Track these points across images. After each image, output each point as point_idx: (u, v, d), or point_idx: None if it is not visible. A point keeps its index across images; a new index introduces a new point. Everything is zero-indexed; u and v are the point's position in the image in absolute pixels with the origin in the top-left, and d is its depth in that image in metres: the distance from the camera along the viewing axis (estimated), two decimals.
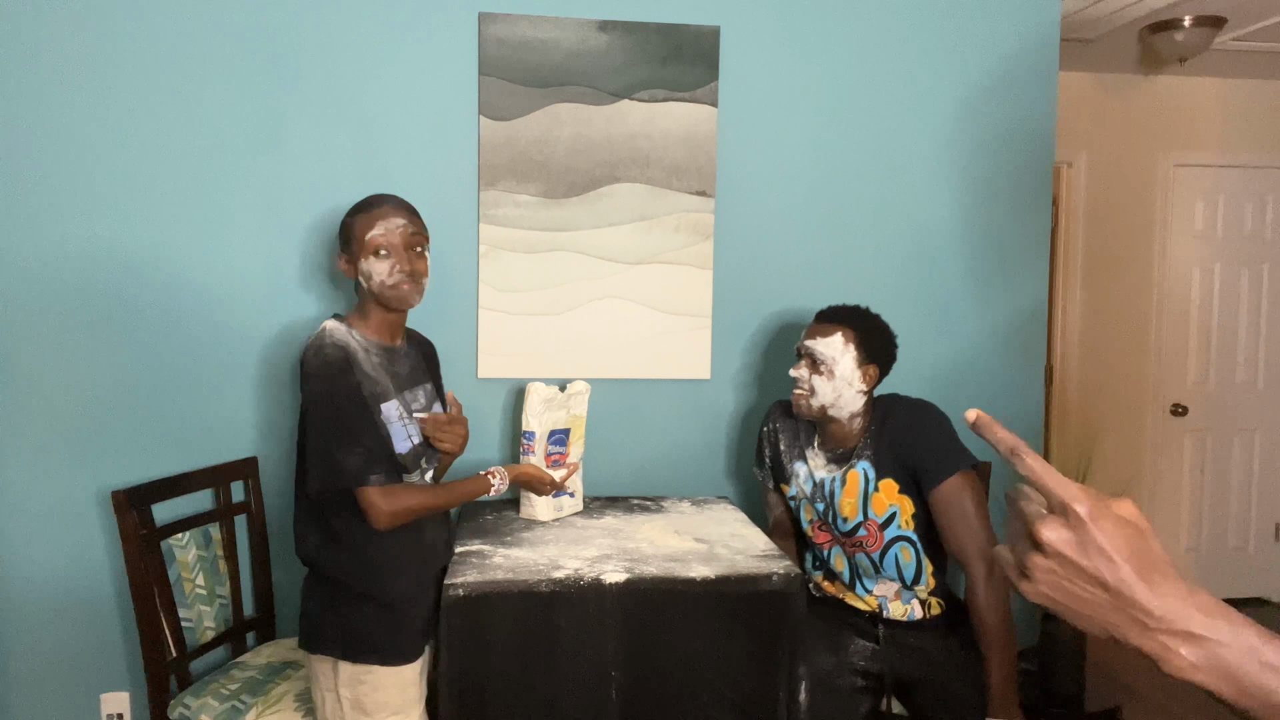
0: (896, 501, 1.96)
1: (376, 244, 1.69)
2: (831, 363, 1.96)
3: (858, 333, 1.98)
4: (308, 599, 1.72)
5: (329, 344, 1.64)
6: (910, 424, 1.95)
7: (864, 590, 2.03)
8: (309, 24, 2.27)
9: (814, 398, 1.98)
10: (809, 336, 2.01)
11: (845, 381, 1.96)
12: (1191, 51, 3.29)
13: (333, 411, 1.60)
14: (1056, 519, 0.63)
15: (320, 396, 1.61)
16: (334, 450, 1.59)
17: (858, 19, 2.47)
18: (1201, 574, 4.11)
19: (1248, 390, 4.12)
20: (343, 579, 1.67)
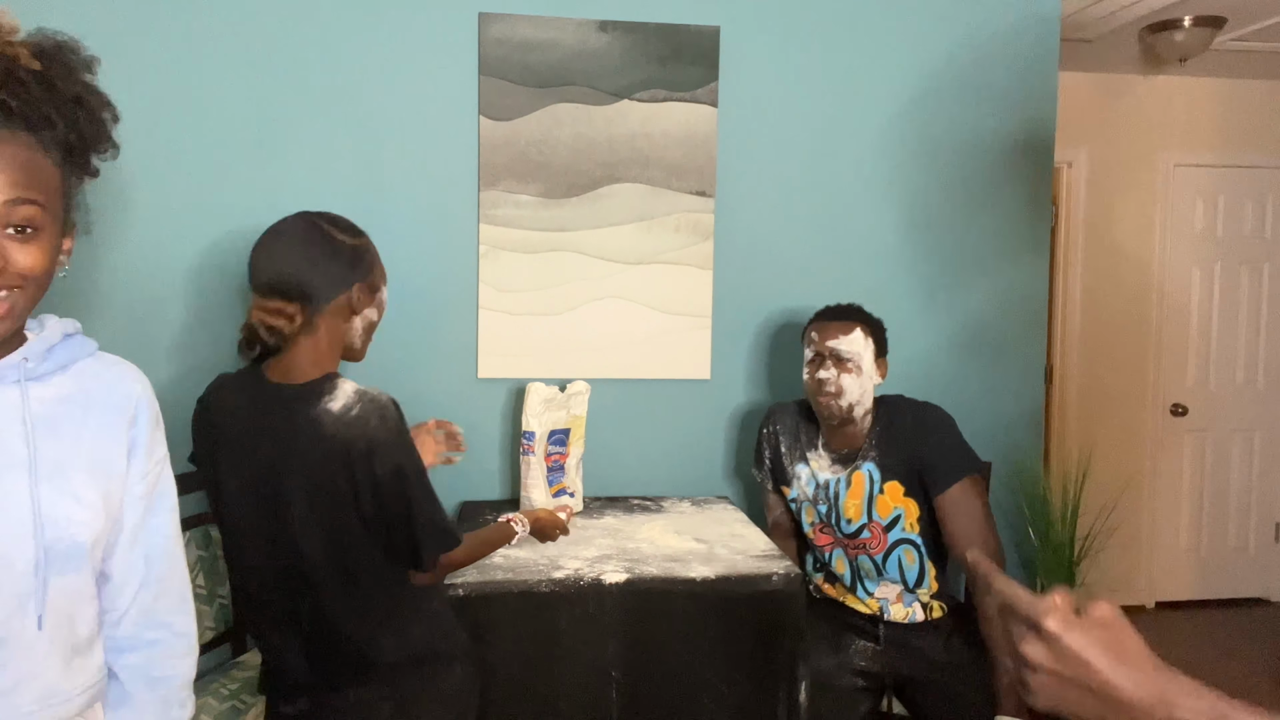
0: (901, 504, 1.96)
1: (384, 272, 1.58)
2: (857, 359, 1.97)
3: (870, 327, 2.02)
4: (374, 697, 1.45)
5: (384, 401, 1.41)
6: (919, 426, 1.96)
7: (865, 593, 2.03)
8: (309, 24, 2.27)
9: (844, 397, 1.96)
10: (829, 337, 1.98)
11: (869, 377, 1.98)
12: (1191, 51, 3.29)
13: (416, 473, 1.40)
14: (1034, 636, 0.70)
15: (403, 466, 1.38)
16: (436, 516, 1.42)
17: (857, 19, 2.47)
18: (1201, 574, 4.12)
19: (1248, 390, 4.12)
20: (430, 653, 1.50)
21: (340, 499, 1.38)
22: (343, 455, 1.36)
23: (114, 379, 1.11)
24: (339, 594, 1.44)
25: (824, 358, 1.99)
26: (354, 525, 1.40)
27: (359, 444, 1.36)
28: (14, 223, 0.96)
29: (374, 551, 1.43)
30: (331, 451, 1.37)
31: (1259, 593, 4.16)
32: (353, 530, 1.40)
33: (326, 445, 1.37)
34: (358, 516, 1.39)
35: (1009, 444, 2.59)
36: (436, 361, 2.36)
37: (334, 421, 1.38)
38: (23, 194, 0.96)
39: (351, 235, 1.53)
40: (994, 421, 2.57)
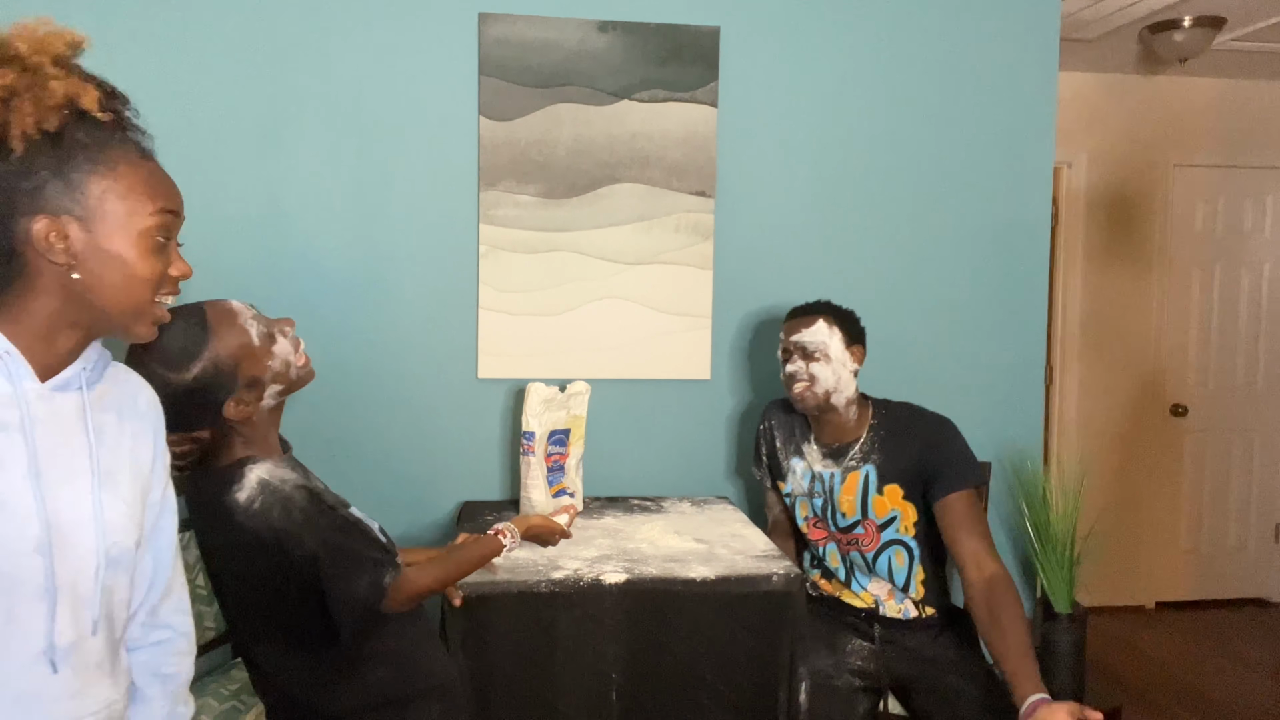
0: (899, 507, 1.97)
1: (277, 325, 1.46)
2: (823, 347, 1.99)
3: (835, 316, 2.03)
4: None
5: (287, 492, 1.38)
6: (927, 433, 1.97)
7: (859, 586, 2.04)
8: (309, 24, 2.27)
9: (816, 385, 1.99)
10: (792, 332, 2.03)
11: (840, 363, 1.99)
12: (1191, 51, 3.29)
13: (330, 554, 1.38)
14: None
15: (313, 553, 1.36)
16: (351, 589, 1.38)
17: (857, 19, 2.47)
18: (1201, 574, 4.12)
19: (1248, 391, 4.12)
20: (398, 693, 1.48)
21: (263, 583, 1.39)
22: (253, 545, 1.36)
23: (135, 387, 1.14)
24: (281, 660, 1.45)
25: (790, 352, 2.03)
26: (287, 601, 1.40)
27: (265, 535, 1.35)
28: (176, 233, 1.05)
29: (312, 619, 1.40)
30: (242, 542, 1.37)
31: (1259, 593, 4.16)
32: (286, 606, 1.40)
33: (237, 535, 1.37)
34: (288, 594, 1.39)
35: (1009, 444, 2.59)
36: (436, 361, 2.36)
37: (241, 512, 1.36)
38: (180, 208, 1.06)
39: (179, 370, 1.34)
40: (994, 421, 2.57)
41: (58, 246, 0.94)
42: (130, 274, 0.99)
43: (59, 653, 0.97)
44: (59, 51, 0.97)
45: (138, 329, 1.03)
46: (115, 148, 0.99)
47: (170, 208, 1.03)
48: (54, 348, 0.98)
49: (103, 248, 0.97)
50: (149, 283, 1.00)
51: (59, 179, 0.94)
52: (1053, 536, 2.55)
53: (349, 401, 2.32)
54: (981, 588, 1.78)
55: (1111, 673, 3.36)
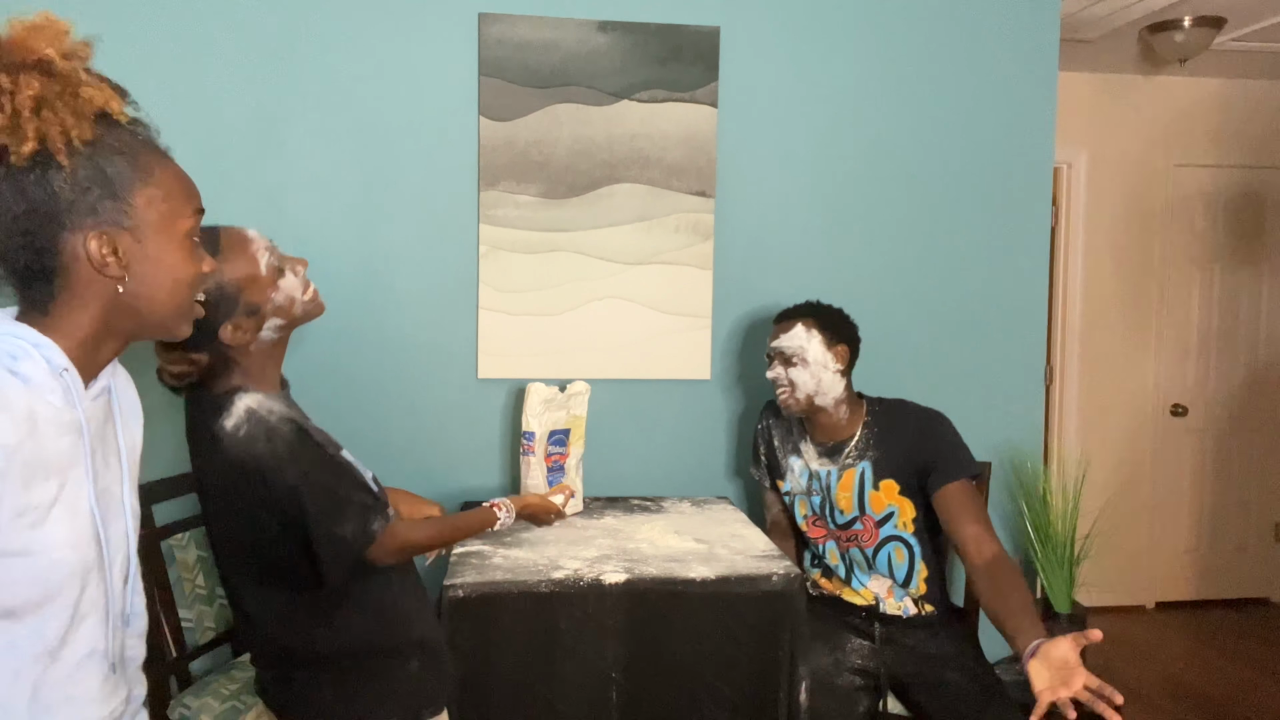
0: (896, 502, 1.98)
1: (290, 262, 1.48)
2: (801, 351, 2.00)
3: (815, 318, 2.04)
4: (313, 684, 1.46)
5: (273, 423, 1.38)
6: (922, 428, 1.98)
7: (859, 584, 2.04)
8: (309, 24, 2.27)
9: (796, 390, 2.01)
10: (773, 338, 2.06)
11: (820, 365, 2.00)
12: (1191, 51, 3.29)
13: (315, 492, 1.38)
14: None
15: (297, 487, 1.36)
16: (334, 528, 1.38)
17: (857, 19, 2.47)
18: (1201, 574, 4.12)
19: (1248, 390, 4.12)
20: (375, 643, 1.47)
21: (245, 514, 1.39)
22: (238, 474, 1.37)
23: (125, 381, 1.14)
24: (263, 599, 1.45)
25: (772, 358, 2.05)
26: (267, 535, 1.40)
27: (248, 463, 1.36)
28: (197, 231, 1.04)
29: (294, 557, 1.40)
30: (228, 469, 1.38)
31: (1259, 593, 4.16)
32: (266, 539, 1.40)
33: (222, 462, 1.38)
34: (269, 528, 1.39)
35: (1009, 444, 2.59)
36: (436, 361, 2.36)
37: (228, 439, 1.38)
38: None
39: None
40: (994, 421, 2.57)
41: (110, 260, 0.93)
42: (177, 278, 1.00)
43: (92, 659, 0.98)
44: (86, 55, 0.97)
45: (182, 328, 1.04)
46: (146, 153, 0.98)
47: (200, 207, 1.04)
48: (97, 357, 0.98)
49: (152, 256, 0.97)
50: (192, 284, 1.02)
51: (103, 191, 0.93)
52: (1053, 536, 2.55)
53: (349, 401, 2.32)
54: (983, 565, 1.78)
55: (1111, 673, 3.35)
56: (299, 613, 1.45)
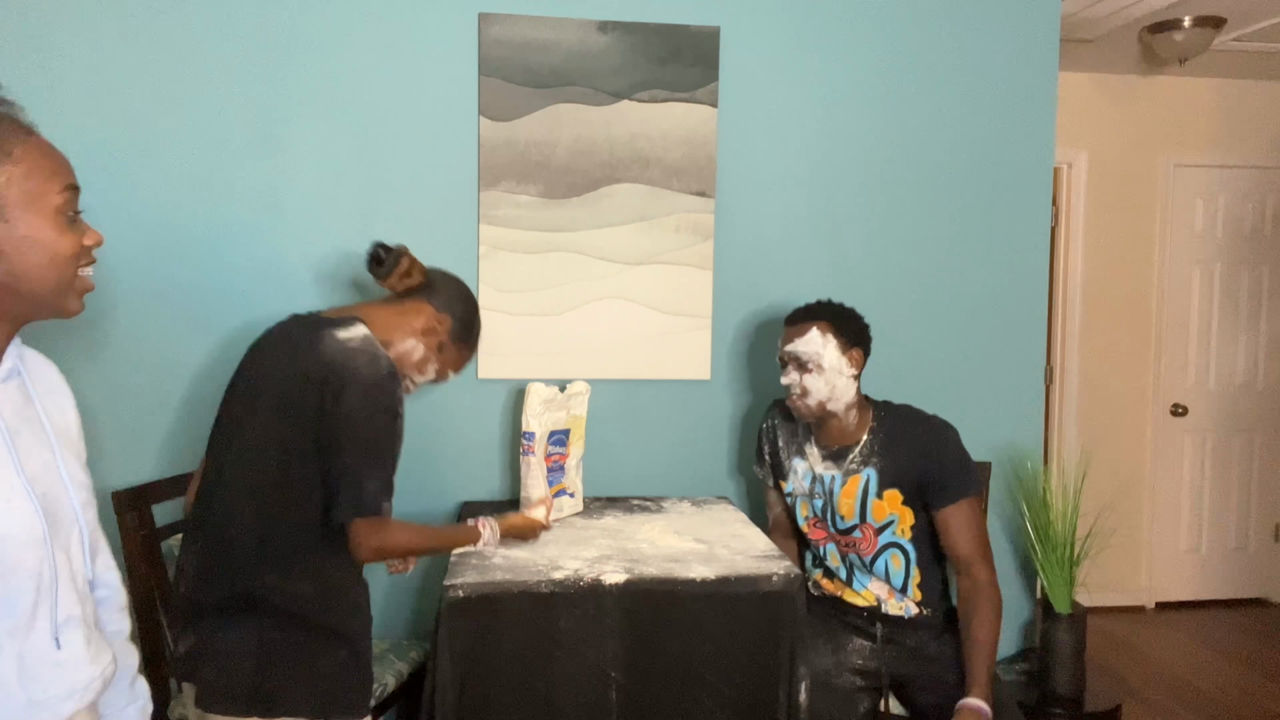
0: (898, 511, 1.97)
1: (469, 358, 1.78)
2: (816, 358, 1.96)
3: (831, 322, 1.99)
4: (239, 648, 1.42)
5: (384, 358, 1.48)
6: (928, 440, 1.97)
7: (860, 585, 2.04)
8: (309, 24, 2.27)
9: (809, 397, 1.98)
10: (786, 342, 2.02)
11: (835, 371, 1.97)
12: (1191, 52, 3.29)
13: (372, 433, 1.44)
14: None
15: (360, 413, 1.42)
16: (363, 473, 1.43)
17: (857, 19, 2.47)
18: (1201, 574, 4.12)
19: (1248, 390, 4.12)
20: (310, 618, 1.46)
21: (305, 417, 1.43)
22: (322, 376, 1.43)
23: (38, 362, 1.16)
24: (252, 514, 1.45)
25: (785, 362, 2.02)
26: (306, 446, 1.43)
27: (338, 372, 1.43)
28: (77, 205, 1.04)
29: (310, 482, 1.44)
30: (316, 370, 1.43)
31: (1259, 593, 4.16)
32: (296, 456, 1.43)
33: (314, 361, 1.44)
34: (315, 440, 1.43)
35: (1009, 444, 2.59)
36: None
37: (333, 345, 1.45)
38: None
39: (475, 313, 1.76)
40: (994, 421, 2.57)
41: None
42: (53, 252, 1.00)
43: (69, 625, 1.01)
44: None
45: (69, 304, 1.05)
46: (3, 132, 0.97)
47: (72, 183, 1.03)
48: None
49: (23, 235, 0.97)
50: (71, 258, 1.02)
51: None
52: (1053, 536, 2.55)
53: None
54: (964, 595, 1.91)
55: (1111, 673, 3.35)
56: (269, 547, 1.44)
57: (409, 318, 1.66)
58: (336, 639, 1.49)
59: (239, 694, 1.41)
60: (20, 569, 0.96)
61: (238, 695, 1.41)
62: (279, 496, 1.45)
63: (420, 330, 1.66)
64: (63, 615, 1.01)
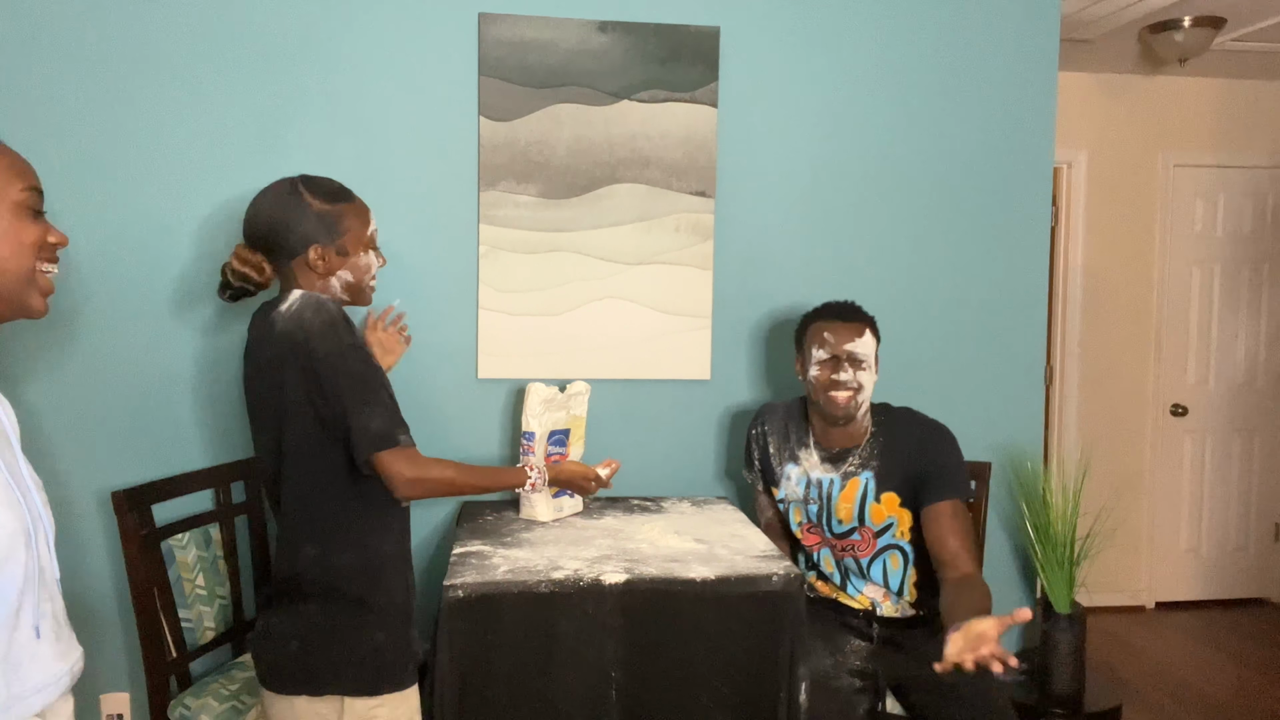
0: (896, 514, 1.98)
1: (374, 239, 1.64)
2: (869, 358, 2.02)
3: (874, 328, 2.07)
4: (287, 629, 1.49)
5: (327, 302, 1.50)
6: (925, 442, 1.99)
7: (854, 590, 2.04)
8: (309, 24, 2.27)
9: (861, 394, 2.01)
10: (845, 340, 2.00)
11: (875, 374, 2.05)
12: (1191, 51, 3.29)
13: (351, 368, 1.46)
14: None
15: (333, 355, 1.45)
16: (360, 409, 1.45)
17: (857, 19, 2.47)
18: (1201, 574, 4.12)
19: (1248, 390, 4.12)
20: (348, 592, 1.49)
21: (291, 391, 1.47)
22: (287, 346, 1.47)
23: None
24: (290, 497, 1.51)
25: (840, 360, 2.00)
26: (307, 422, 1.47)
27: (297, 334, 1.46)
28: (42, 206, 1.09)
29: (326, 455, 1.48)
30: (279, 346, 1.47)
31: (1259, 593, 4.16)
32: (305, 428, 1.48)
33: (276, 342, 1.48)
34: (313, 412, 1.47)
35: (1009, 444, 2.59)
36: (436, 361, 2.36)
37: (281, 319, 1.49)
38: None
39: (325, 199, 1.58)
40: (994, 421, 2.57)
41: None
42: (15, 241, 1.05)
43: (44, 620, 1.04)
44: None
45: (31, 300, 1.08)
46: None
47: (35, 185, 1.08)
48: None
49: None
50: (31, 246, 1.06)
51: None
52: (1053, 536, 2.55)
53: None
54: (954, 579, 1.82)
55: (1111, 673, 3.35)
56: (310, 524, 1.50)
57: (305, 274, 1.57)
58: (379, 613, 1.51)
59: (288, 673, 1.49)
60: (10, 561, 0.98)
61: (287, 675, 1.49)
62: (307, 473, 1.50)
63: (322, 271, 1.57)
64: (41, 610, 1.04)
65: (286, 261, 1.56)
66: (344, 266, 1.59)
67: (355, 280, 1.61)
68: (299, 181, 1.59)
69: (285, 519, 1.53)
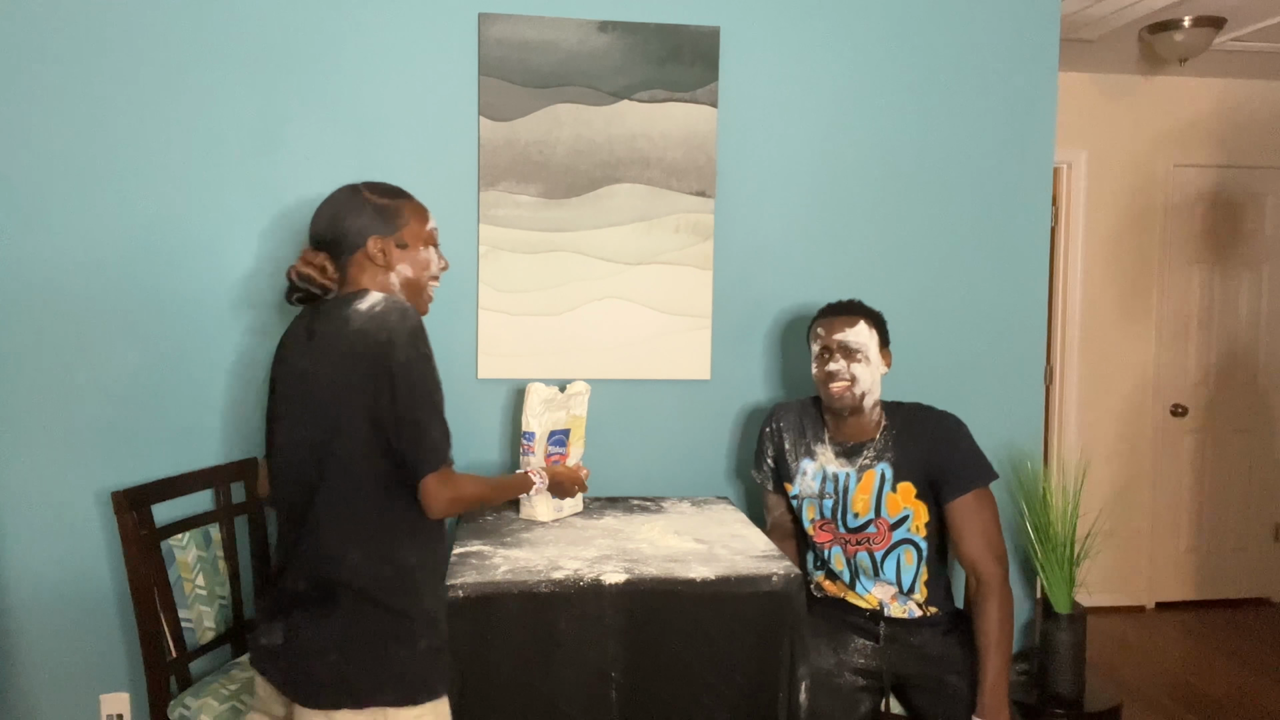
0: (912, 506, 1.98)
1: (433, 236, 1.63)
2: (865, 349, 2.02)
3: (873, 320, 2.08)
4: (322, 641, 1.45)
5: (411, 309, 1.49)
6: (938, 433, 2.00)
7: (863, 589, 2.04)
8: (309, 24, 2.27)
9: (856, 385, 2.01)
10: (836, 330, 2.04)
11: (876, 366, 2.05)
12: (1191, 52, 3.29)
13: (427, 379, 1.46)
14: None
15: (414, 363, 1.44)
16: (427, 423, 1.45)
17: (857, 19, 2.47)
18: (1201, 574, 4.12)
19: (1248, 390, 4.12)
20: (390, 602, 1.46)
21: (356, 391, 1.44)
22: (364, 345, 1.44)
23: None
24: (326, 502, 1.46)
25: (832, 351, 2.04)
26: (361, 424, 1.44)
27: (380, 334, 1.44)
28: None
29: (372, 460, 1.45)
30: (355, 343, 1.45)
31: (1259, 593, 4.16)
32: (362, 430, 1.44)
33: (351, 339, 1.45)
34: (369, 414, 1.44)
35: (1009, 444, 2.59)
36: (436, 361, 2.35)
37: (360, 316, 1.47)
38: None
39: (382, 195, 1.60)
40: (994, 421, 2.57)
41: None
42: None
43: None
44: None
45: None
46: None
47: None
48: None
49: None
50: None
51: None
52: (1053, 536, 2.55)
53: None
54: (970, 596, 1.92)
55: (1111, 673, 3.35)
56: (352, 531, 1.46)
57: (366, 269, 1.57)
58: (418, 622, 1.48)
59: (328, 687, 1.43)
60: None
61: (327, 689, 1.43)
62: (354, 476, 1.46)
63: (382, 264, 1.56)
64: None
65: (348, 258, 1.56)
66: (404, 260, 1.58)
67: (415, 276, 1.60)
68: (359, 185, 1.61)
69: (320, 523, 1.47)
